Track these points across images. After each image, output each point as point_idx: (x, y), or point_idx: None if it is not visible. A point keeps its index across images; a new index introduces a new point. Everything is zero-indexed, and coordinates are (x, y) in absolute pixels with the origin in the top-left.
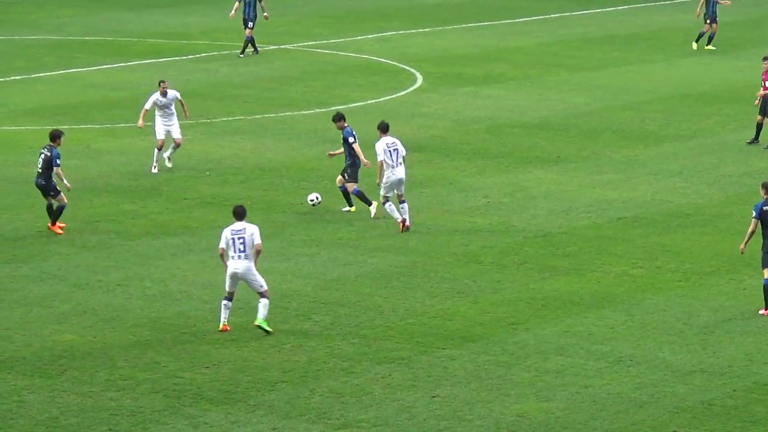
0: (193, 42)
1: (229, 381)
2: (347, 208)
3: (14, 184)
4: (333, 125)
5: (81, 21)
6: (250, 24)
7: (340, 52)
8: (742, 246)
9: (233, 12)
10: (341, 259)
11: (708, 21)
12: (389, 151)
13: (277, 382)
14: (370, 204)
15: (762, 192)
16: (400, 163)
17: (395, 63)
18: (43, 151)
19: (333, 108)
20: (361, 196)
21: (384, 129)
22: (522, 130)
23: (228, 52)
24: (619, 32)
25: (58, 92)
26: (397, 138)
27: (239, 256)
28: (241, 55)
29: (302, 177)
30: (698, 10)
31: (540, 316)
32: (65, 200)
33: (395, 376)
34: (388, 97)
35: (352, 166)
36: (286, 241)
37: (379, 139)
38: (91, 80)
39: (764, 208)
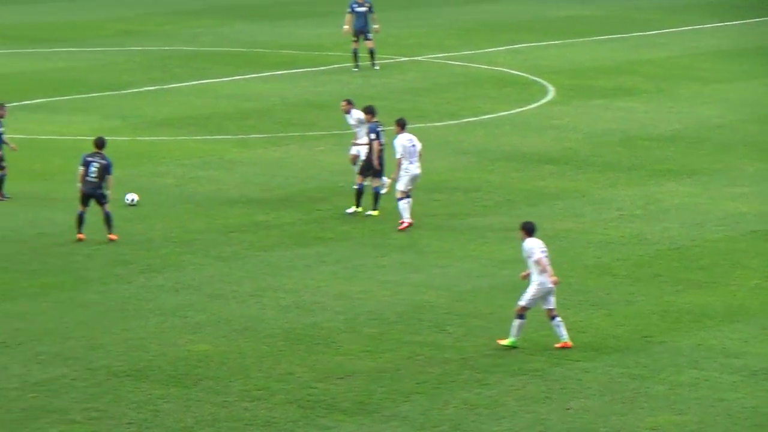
0: (325, 53)
1: (362, 392)
2: (370, 212)
3: (149, 194)
4: (464, 137)
5: (214, 32)
6: (369, 35)
7: (471, 64)
8: None
9: (346, 26)
10: (474, 271)
11: None
12: (408, 147)
13: (411, 394)
14: (358, 205)
15: None
16: (417, 160)
17: (527, 75)
18: (94, 159)
19: (465, 120)
20: (358, 193)
21: (402, 125)
22: (654, 143)
23: (360, 63)
24: (751, 45)
25: (191, 103)
26: (526, 147)
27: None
28: (376, 68)
29: (434, 188)
30: None
31: (674, 329)
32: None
33: (529, 388)
34: (519, 110)
35: (367, 160)
36: (419, 253)
37: (396, 136)
38: (223, 91)
39: None
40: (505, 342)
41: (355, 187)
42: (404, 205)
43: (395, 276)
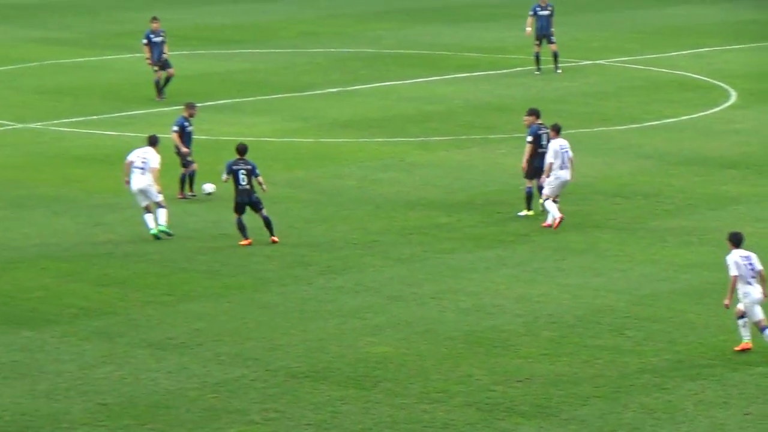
0: (507, 56)
1: (541, 395)
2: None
3: (330, 196)
4: (646, 141)
5: (396, 35)
6: (553, 38)
7: (653, 68)
8: None
9: (529, 29)
10: (654, 275)
11: None
12: (561, 153)
13: (589, 397)
14: (529, 208)
15: None
16: (568, 166)
17: (709, 79)
18: (239, 166)
19: (647, 124)
20: (528, 197)
21: (557, 130)
22: None
23: (542, 66)
24: None
25: (373, 105)
26: (708, 151)
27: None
28: (558, 71)
29: (616, 192)
30: None
31: None
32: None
33: (707, 393)
34: (701, 114)
35: (529, 164)
36: (599, 257)
37: (551, 140)
38: (405, 93)
39: None
40: (738, 348)
41: (524, 190)
42: (550, 205)
43: (575, 279)
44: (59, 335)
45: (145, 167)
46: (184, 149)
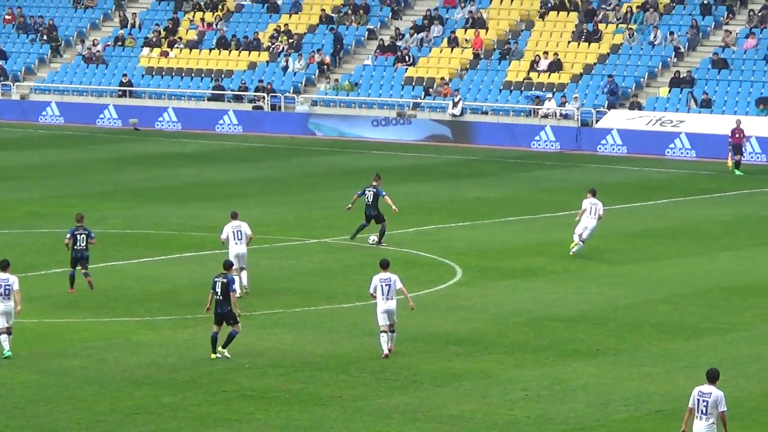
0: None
1: None
2: None
3: (55, 376)
4: (371, 318)
5: (123, 214)
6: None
7: (379, 246)
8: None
9: (351, 205)
10: None
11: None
12: (382, 286)
13: None
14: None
15: None
16: (390, 298)
17: (435, 257)
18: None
19: (372, 303)
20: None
21: (384, 266)
22: (561, 324)
23: (268, 245)
24: (658, 226)
25: (98, 285)
26: (434, 327)
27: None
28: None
29: (341, 370)
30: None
31: None
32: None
33: None
34: (427, 291)
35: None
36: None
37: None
38: (131, 273)
39: None
40: None
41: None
42: (383, 338)
43: None
44: None
45: None
46: None
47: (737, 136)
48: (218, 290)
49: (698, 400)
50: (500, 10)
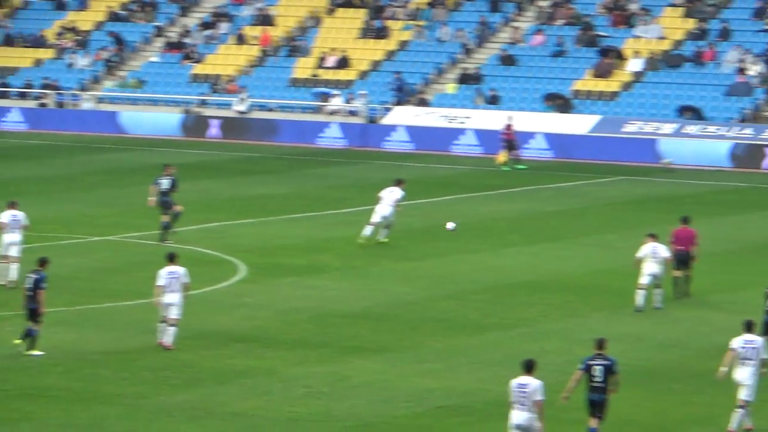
0: None
1: None
2: None
3: None
4: (153, 316)
5: None
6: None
7: (163, 244)
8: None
9: (152, 198)
10: None
11: None
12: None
13: None
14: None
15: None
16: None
17: (219, 254)
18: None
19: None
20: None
21: (171, 259)
22: (344, 320)
23: (54, 243)
24: (442, 222)
25: None
26: (216, 325)
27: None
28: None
29: (123, 368)
30: None
31: None
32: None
33: None
34: (210, 288)
35: None
36: None
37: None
38: None
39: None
40: None
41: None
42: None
43: None
44: None
45: None
46: None
47: (508, 132)
48: (31, 285)
49: (516, 392)
50: (288, 6)
